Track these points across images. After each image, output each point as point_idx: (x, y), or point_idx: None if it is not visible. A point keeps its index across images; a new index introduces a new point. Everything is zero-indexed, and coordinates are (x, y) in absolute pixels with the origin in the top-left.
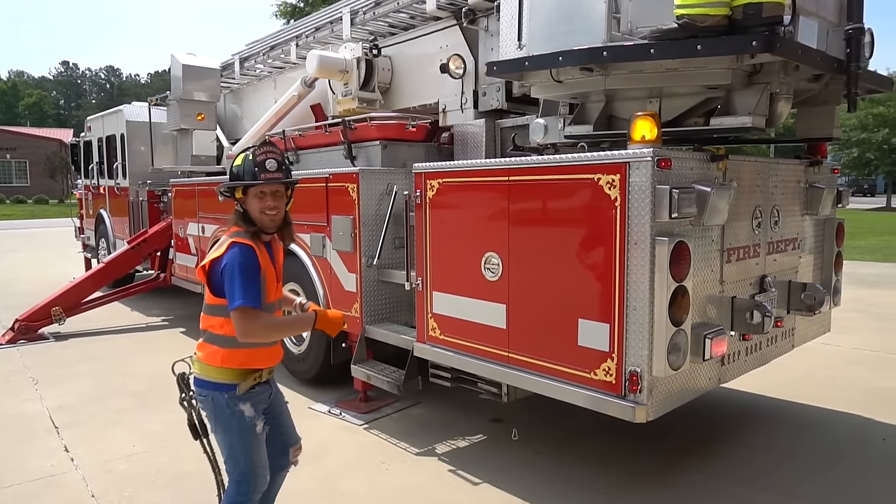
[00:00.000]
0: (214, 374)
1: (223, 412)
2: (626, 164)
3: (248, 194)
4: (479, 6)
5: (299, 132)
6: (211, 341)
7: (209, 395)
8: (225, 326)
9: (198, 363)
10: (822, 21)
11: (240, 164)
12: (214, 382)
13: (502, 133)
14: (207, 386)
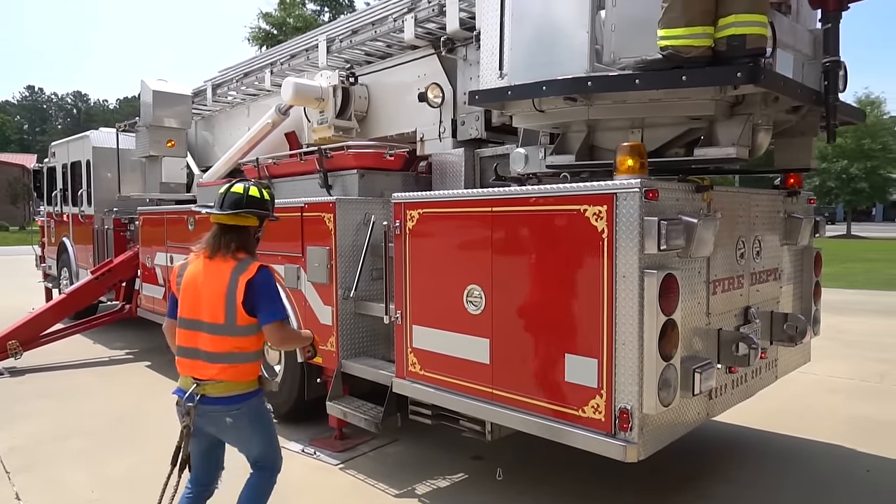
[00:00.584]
0: (245, 386)
1: (260, 413)
2: (614, 194)
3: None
4: (457, 36)
5: (273, 160)
6: (244, 360)
7: (245, 405)
8: (257, 343)
9: (223, 384)
10: (797, 54)
11: (269, 198)
12: (248, 393)
13: (481, 162)
14: (241, 399)
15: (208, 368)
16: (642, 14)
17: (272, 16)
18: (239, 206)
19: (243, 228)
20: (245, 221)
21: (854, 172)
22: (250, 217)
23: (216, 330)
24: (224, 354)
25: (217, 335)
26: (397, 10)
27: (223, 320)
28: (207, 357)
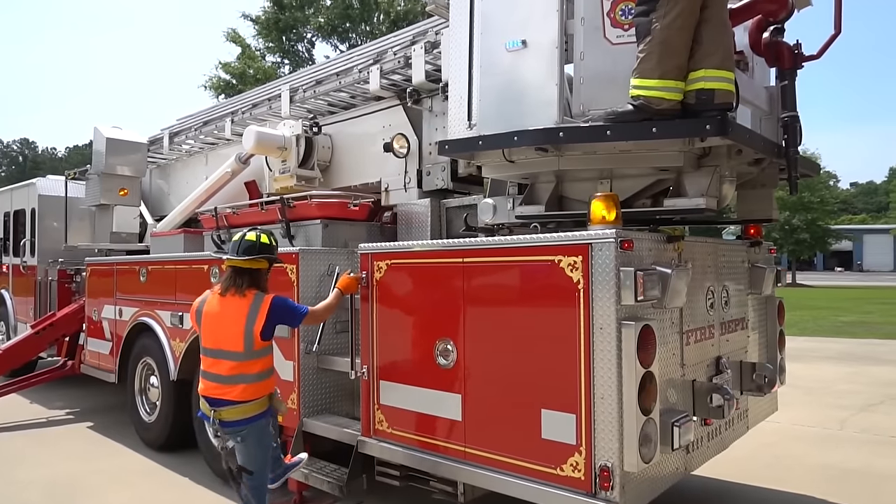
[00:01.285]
0: (254, 408)
1: (263, 434)
2: (589, 245)
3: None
4: (423, 87)
5: (233, 209)
6: (257, 380)
7: (253, 426)
8: (268, 363)
9: (236, 409)
10: (755, 109)
11: (275, 243)
12: (256, 415)
13: (447, 213)
14: (250, 420)
15: (231, 389)
16: (610, 68)
17: (232, 66)
18: (252, 251)
19: (256, 270)
20: (258, 265)
21: (796, 224)
22: (262, 261)
23: (236, 357)
24: (242, 376)
25: (237, 361)
26: (362, 62)
27: (242, 349)
28: (229, 380)
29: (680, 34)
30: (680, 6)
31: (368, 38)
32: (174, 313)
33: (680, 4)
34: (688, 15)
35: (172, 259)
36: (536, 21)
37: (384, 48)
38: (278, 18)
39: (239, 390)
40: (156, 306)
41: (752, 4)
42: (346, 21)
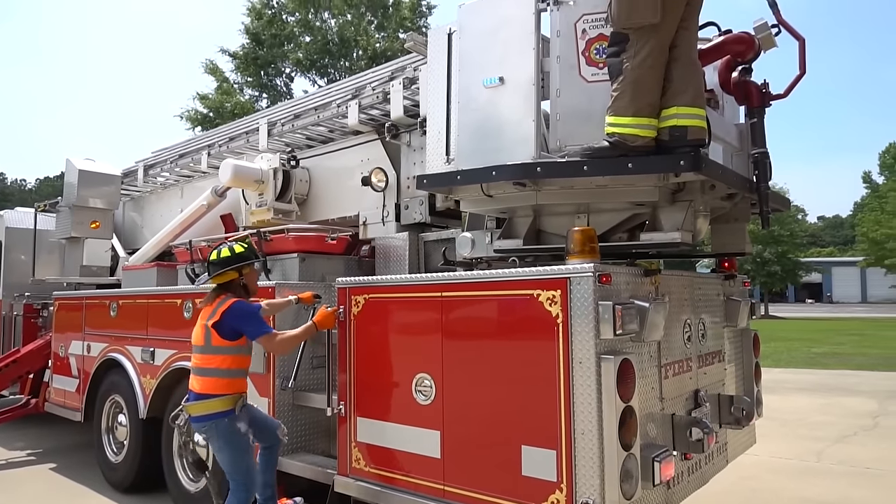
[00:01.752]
0: (216, 405)
1: (230, 435)
2: (567, 279)
3: (248, 271)
4: (401, 122)
5: (207, 243)
6: (218, 375)
7: (215, 423)
8: (226, 361)
9: (199, 404)
10: (726, 145)
11: (244, 249)
12: (217, 412)
13: (426, 247)
14: (211, 417)
15: (199, 381)
16: (585, 105)
17: (209, 98)
18: (217, 268)
19: (229, 281)
20: (227, 278)
21: (767, 256)
22: (228, 273)
23: (200, 350)
24: (207, 369)
25: (200, 354)
26: (341, 97)
27: (203, 342)
28: (198, 371)
29: (651, 73)
30: (649, 46)
31: (347, 73)
32: (145, 349)
33: (649, 44)
34: (657, 54)
35: (145, 293)
36: (513, 59)
37: (363, 83)
38: (257, 55)
39: (204, 382)
40: (126, 342)
41: (721, 45)
42: (325, 56)
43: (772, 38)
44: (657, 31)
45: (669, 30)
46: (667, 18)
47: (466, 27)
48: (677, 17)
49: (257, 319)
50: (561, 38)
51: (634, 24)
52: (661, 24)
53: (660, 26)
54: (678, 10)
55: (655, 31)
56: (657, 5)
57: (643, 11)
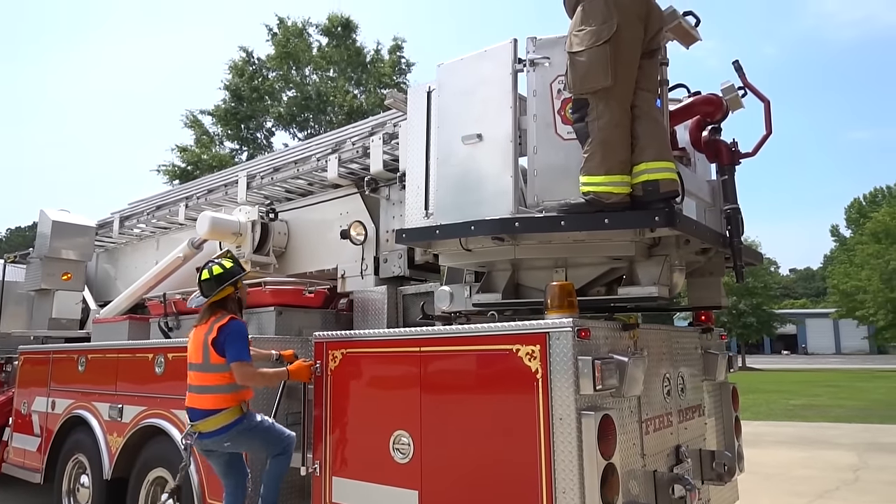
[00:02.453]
0: (227, 416)
1: (251, 427)
2: (546, 333)
3: (240, 284)
4: (380, 176)
5: (182, 295)
6: (221, 391)
7: (234, 431)
8: (226, 377)
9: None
10: (699, 201)
11: (232, 265)
12: (231, 423)
13: (404, 300)
14: (227, 428)
15: (203, 399)
16: (562, 162)
17: (188, 151)
18: (212, 288)
19: (225, 297)
20: (224, 294)
21: (743, 308)
22: (226, 289)
23: (198, 368)
24: (208, 387)
25: (199, 372)
26: (321, 151)
27: (201, 360)
28: (199, 390)
29: (616, 132)
30: (609, 107)
31: (327, 127)
32: (113, 405)
33: (609, 106)
34: (619, 114)
35: (115, 347)
36: (491, 116)
37: (343, 138)
38: (237, 110)
39: (207, 400)
40: (93, 398)
41: (691, 106)
42: (304, 111)
43: (738, 99)
44: (613, 93)
45: (625, 91)
46: (620, 81)
47: (445, 85)
48: (631, 79)
49: (243, 345)
50: (537, 98)
51: (590, 88)
52: (615, 86)
53: (614, 89)
54: (631, 72)
55: (611, 94)
56: (608, 70)
57: (596, 76)
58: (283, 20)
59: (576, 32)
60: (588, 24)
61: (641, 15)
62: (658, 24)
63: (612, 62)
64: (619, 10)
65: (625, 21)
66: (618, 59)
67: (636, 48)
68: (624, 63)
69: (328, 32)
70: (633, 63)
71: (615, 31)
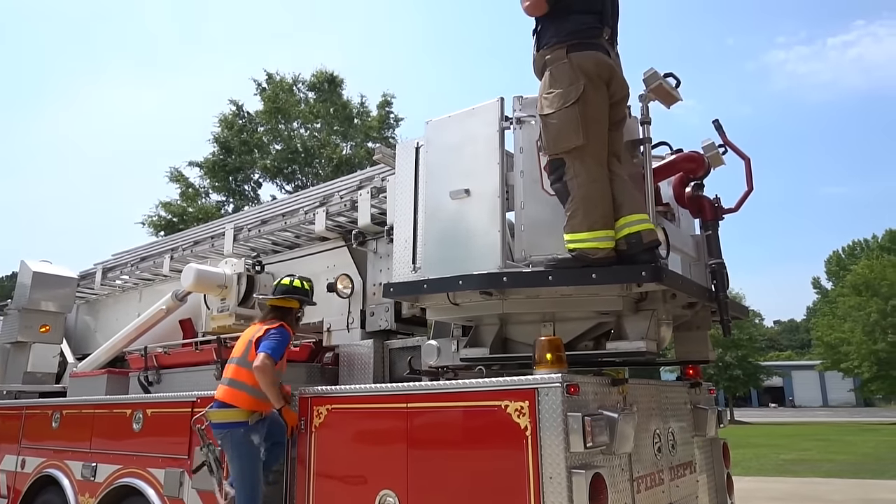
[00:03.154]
0: (234, 415)
1: (242, 445)
2: (535, 389)
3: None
4: (368, 229)
5: (164, 349)
6: (244, 389)
7: (229, 432)
8: (253, 378)
9: (219, 412)
10: (684, 256)
11: (309, 287)
12: (233, 422)
13: (391, 354)
14: (228, 426)
15: (226, 390)
16: (549, 217)
17: (172, 205)
18: (286, 292)
19: (286, 308)
20: (289, 304)
21: (729, 360)
22: (292, 300)
23: (236, 360)
24: (237, 382)
25: (236, 364)
26: (309, 204)
27: (241, 354)
28: (229, 382)
29: (595, 187)
30: (585, 165)
31: (314, 180)
32: (87, 464)
33: (585, 163)
34: (596, 169)
35: (91, 402)
36: (479, 172)
37: (331, 191)
38: (226, 162)
39: (228, 392)
40: (66, 456)
41: (674, 163)
42: (291, 164)
43: (719, 156)
44: (586, 151)
45: (599, 148)
46: (592, 139)
47: (434, 142)
48: (603, 137)
49: (279, 346)
50: (524, 154)
51: (563, 148)
52: (587, 144)
53: (587, 147)
54: (601, 130)
55: (585, 152)
56: (579, 129)
57: (568, 136)
58: (271, 76)
59: (545, 95)
60: (556, 87)
61: (605, 79)
62: (621, 92)
63: (583, 121)
64: (584, 72)
65: (590, 83)
66: (587, 119)
67: (604, 107)
68: (594, 122)
69: (315, 87)
70: (603, 121)
71: (582, 92)
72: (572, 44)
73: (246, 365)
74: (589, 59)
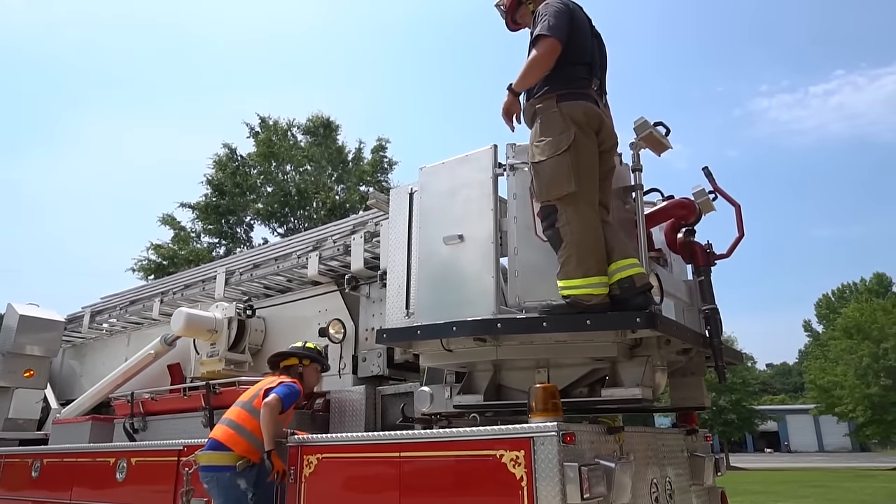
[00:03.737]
0: (222, 458)
1: (225, 487)
2: (531, 438)
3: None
4: (361, 274)
5: (151, 395)
6: (241, 433)
7: (216, 476)
8: (252, 423)
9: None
10: (677, 301)
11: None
12: (220, 465)
13: (383, 401)
14: (215, 469)
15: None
16: (542, 263)
17: (163, 247)
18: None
19: (290, 365)
20: (289, 361)
21: (723, 405)
22: (291, 358)
23: (241, 404)
24: (236, 424)
25: (240, 408)
26: (302, 248)
27: (248, 398)
28: (228, 423)
29: (588, 234)
30: (579, 210)
31: (307, 223)
32: None
33: (578, 210)
34: (589, 215)
35: (73, 450)
36: (473, 218)
37: (324, 236)
38: (219, 204)
39: (223, 432)
40: None
41: (665, 209)
42: (284, 207)
43: (710, 202)
44: (578, 197)
45: (590, 194)
46: (583, 185)
47: (427, 187)
48: (594, 183)
49: (288, 396)
50: (517, 201)
51: (555, 195)
52: (579, 191)
53: (579, 193)
54: (592, 176)
55: (577, 198)
56: (570, 176)
57: (560, 184)
58: (264, 119)
59: (536, 143)
60: (547, 135)
61: (595, 128)
62: (610, 141)
63: (574, 169)
64: (575, 121)
65: (581, 131)
66: (579, 166)
67: (595, 155)
68: (585, 169)
69: (310, 132)
70: (594, 168)
71: (573, 140)
72: (562, 93)
73: (251, 410)
74: (578, 109)
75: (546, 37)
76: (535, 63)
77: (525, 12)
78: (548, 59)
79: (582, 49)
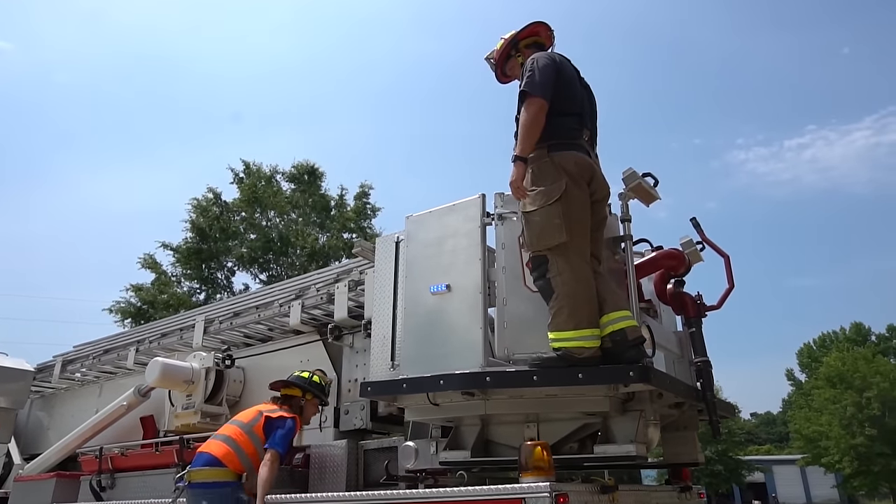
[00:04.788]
0: (222, 474)
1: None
2: (522, 499)
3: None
4: (344, 323)
5: (120, 450)
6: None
7: (218, 491)
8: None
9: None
10: (668, 353)
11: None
12: (220, 481)
13: (365, 456)
14: (216, 485)
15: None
16: (532, 314)
17: (143, 290)
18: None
19: (292, 395)
20: (292, 391)
21: (709, 455)
22: (295, 388)
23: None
24: (229, 438)
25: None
26: (284, 296)
27: (247, 420)
28: (223, 439)
29: (580, 285)
30: (570, 261)
31: (289, 269)
32: None
33: (569, 260)
34: (580, 266)
35: None
36: (460, 267)
37: (307, 284)
38: (200, 249)
39: (220, 447)
40: None
41: (655, 260)
42: (266, 252)
43: (698, 252)
44: (570, 248)
45: (582, 245)
46: (575, 236)
47: (414, 236)
48: (586, 234)
49: (285, 441)
50: (506, 251)
51: (546, 245)
52: (570, 241)
53: (570, 244)
54: (584, 227)
55: (568, 249)
56: (562, 227)
57: (551, 234)
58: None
59: (528, 193)
60: (538, 185)
61: (586, 178)
62: (602, 191)
63: (566, 219)
64: (566, 171)
65: (572, 181)
66: (570, 216)
67: (586, 206)
68: (577, 219)
69: (294, 179)
70: (586, 219)
71: (565, 190)
72: (553, 143)
73: (249, 434)
74: (570, 159)
75: (531, 96)
76: (527, 127)
77: (514, 65)
78: (538, 119)
79: (572, 100)
